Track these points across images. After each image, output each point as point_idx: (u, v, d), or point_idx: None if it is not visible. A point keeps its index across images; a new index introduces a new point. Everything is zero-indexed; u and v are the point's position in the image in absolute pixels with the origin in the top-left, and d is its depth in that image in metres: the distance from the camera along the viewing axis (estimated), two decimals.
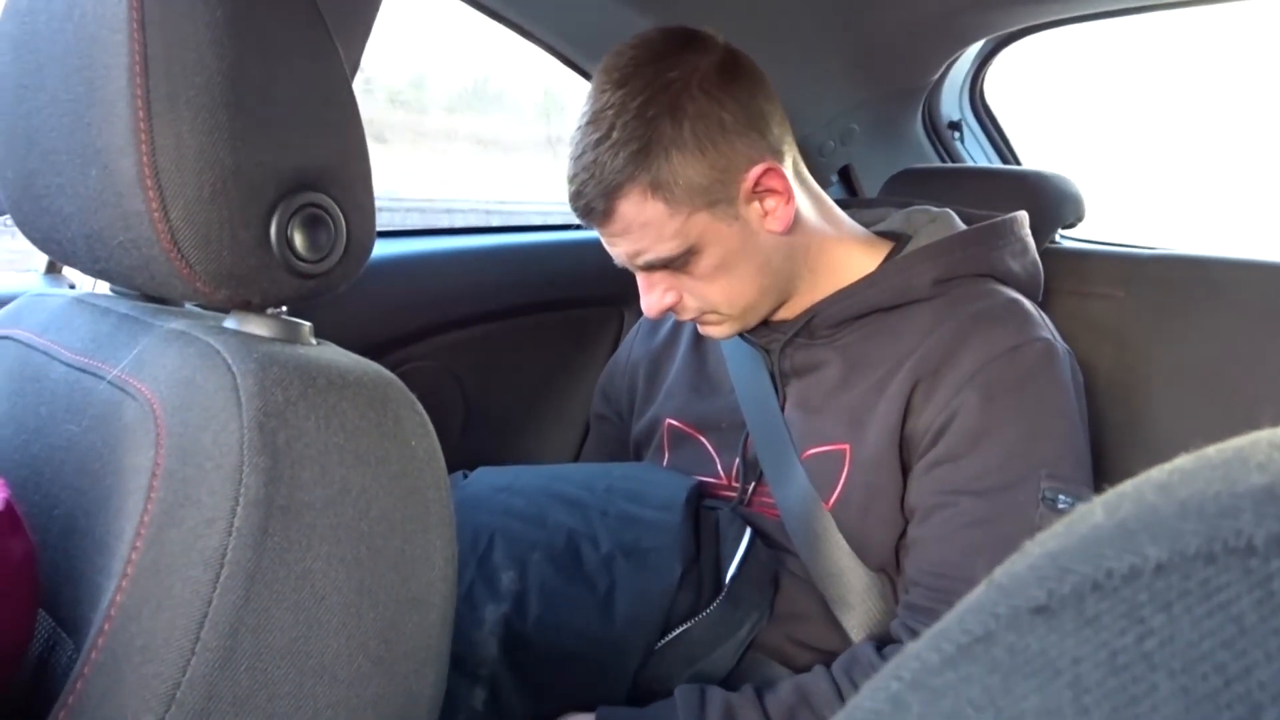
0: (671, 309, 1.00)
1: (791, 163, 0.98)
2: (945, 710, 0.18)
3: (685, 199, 0.91)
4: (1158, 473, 0.19)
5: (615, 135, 0.89)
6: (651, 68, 0.90)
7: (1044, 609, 0.17)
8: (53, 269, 1.17)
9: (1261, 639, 0.15)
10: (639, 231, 0.93)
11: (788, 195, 0.95)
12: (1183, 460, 0.19)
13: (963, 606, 0.19)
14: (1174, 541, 0.16)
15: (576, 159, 0.92)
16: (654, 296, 0.99)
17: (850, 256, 1.04)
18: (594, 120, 0.91)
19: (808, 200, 1.01)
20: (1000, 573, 0.19)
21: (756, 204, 0.95)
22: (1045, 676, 0.17)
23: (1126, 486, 0.19)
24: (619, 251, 0.97)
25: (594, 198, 0.92)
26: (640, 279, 1.00)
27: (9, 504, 0.48)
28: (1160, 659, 0.16)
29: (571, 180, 0.93)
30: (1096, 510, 0.19)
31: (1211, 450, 0.19)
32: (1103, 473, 1.00)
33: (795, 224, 0.97)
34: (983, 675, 0.18)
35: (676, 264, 0.95)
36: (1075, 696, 0.16)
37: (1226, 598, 0.15)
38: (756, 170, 0.92)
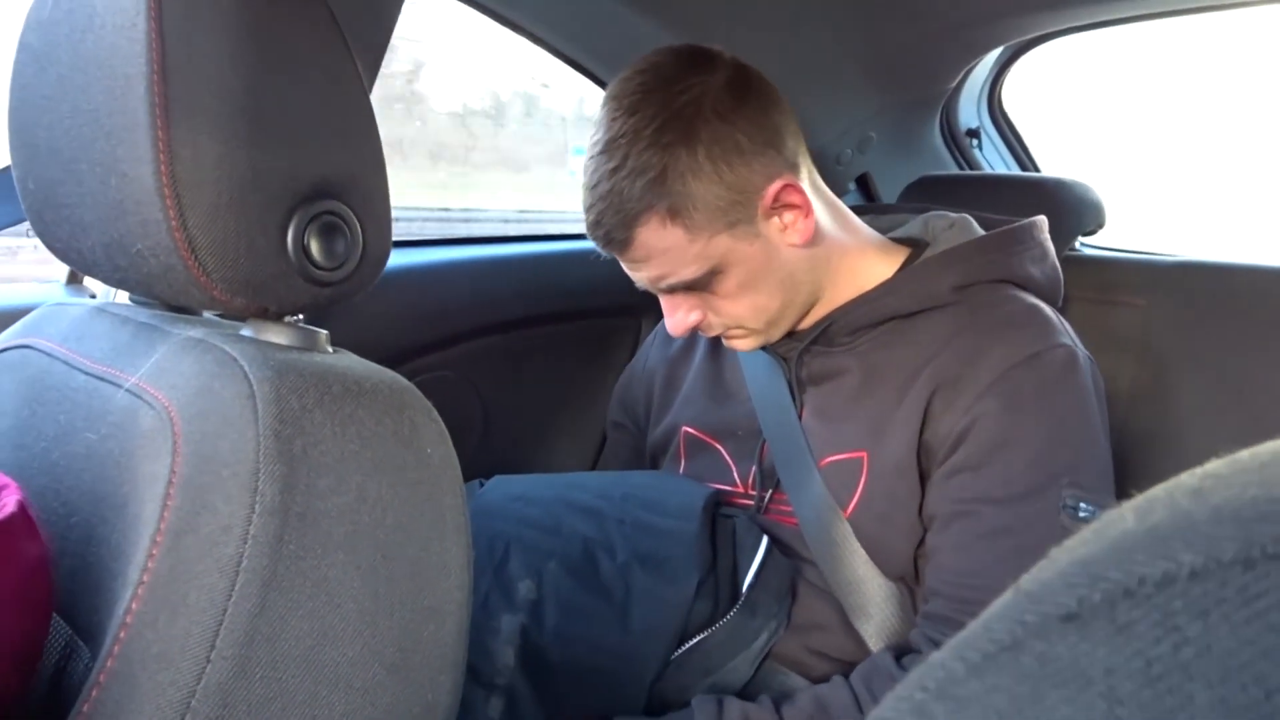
0: (697, 327, 0.99)
1: (807, 174, 0.97)
2: None
3: (705, 223, 0.90)
4: (1189, 478, 0.18)
5: (631, 164, 0.88)
6: (662, 93, 0.89)
7: (1075, 616, 0.17)
8: (74, 279, 1.18)
9: None
10: (660, 257, 0.93)
11: (806, 209, 0.94)
12: (1215, 465, 0.18)
13: (989, 614, 0.19)
14: (1209, 547, 0.16)
15: (592, 189, 0.91)
16: (679, 317, 0.98)
17: (868, 263, 1.03)
18: (607, 149, 0.90)
19: (825, 210, 1.00)
20: (1028, 580, 0.18)
21: (776, 220, 0.94)
22: (1076, 686, 0.16)
23: (1157, 492, 0.18)
24: (641, 277, 0.97)
25: (613, 227, 0.91)
26: (664, 301, 1.00)
27: (22, 507, 0.48)
28: (1197, 669, 0.15)
29: (589, 210, 0.92)
30: (1127, 516, 0.18)
31: (1245, 454, 0.18)
32: (1126, 482, 0.98)
33: (815, 235, 0.96)
34: (1011, 685, 0.17)
35: (700, 285, 0.95)
36: (1109, 708, 0.16)
37: (1265, 605, 0.15)
38: (774, 187, 0.92)
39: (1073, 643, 0.17)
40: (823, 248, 0.99)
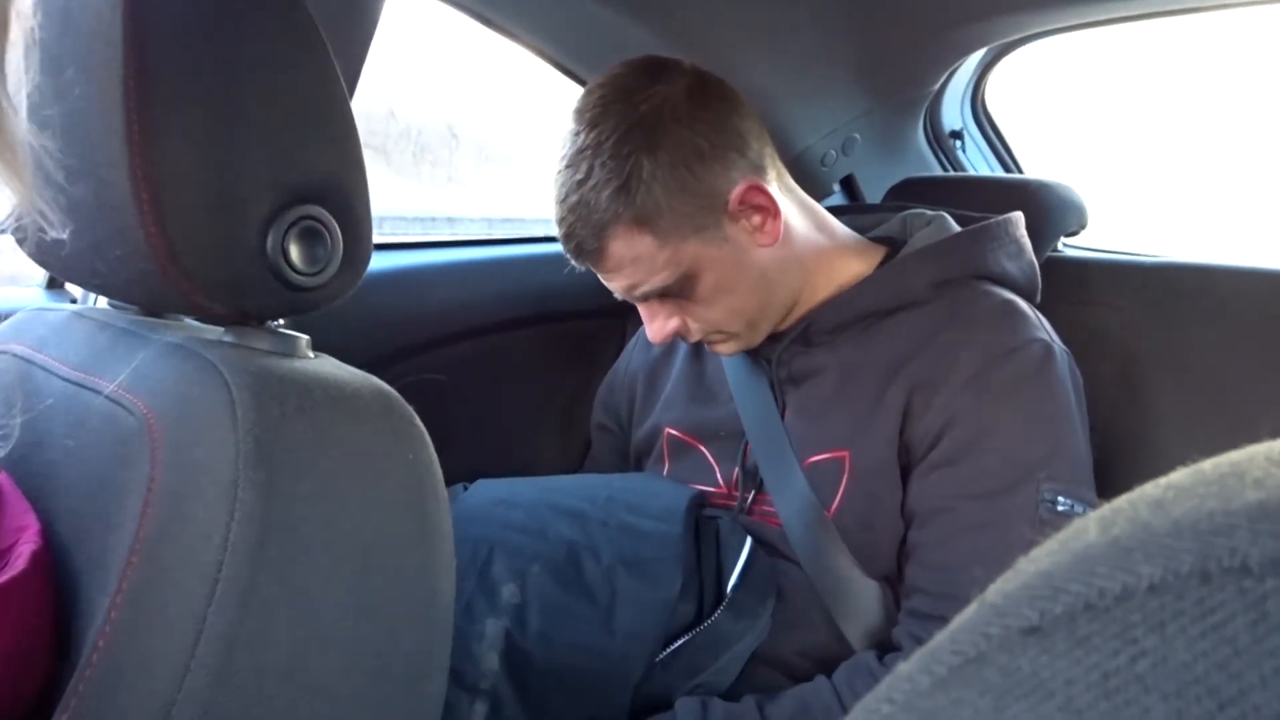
0: (678, 333, 1.00)
1: (775, 175, 0.98)
2: None
3: (672, 229, 0.92)
4: (1152, 488, 0.18)
5: (595, 175, 0.90)
6: (622, 104, 0.91)
7: (1036, 629, 0.17)
8: (54, 284, 1.17)
9: (1256, 661, 0.14)
10: (632, 266, 0.94)
11: (773, 209, 0.95)
12: (1178, 476, 0.18)
13: (954, 626, 0.19)
14: (1168, 560, 0.16)
15: (562, 202, 0.93)
16: (657, 325, 1.00)
17: (845, 263, 1.04)
18: (573, 163, 0.92)
19: (796, 210, 1.01)
20: (993, 592, 0.19)
21: (744, 222, 0.95)
22: (1037, 698, 0.16)
23: (1121, 503, 0.19)
24: (616, 286, 0.98)
25: (584, 239, 0.93)
26: (642, 309, 1.01)
27: (36, 559, 0.48)
28: (1153, 681, 0.15)
29: (560, 223, 0.95)
30: (1091, 527, 0.18)
31: (1207, 465, 0.18)
32: (1106, 483, 0.99)
33: (786, 235, 0.97)
34: (974, 698, 0.17)
35: (674, 291, 0.96)
36: (1067, 719, 0.16)
37: (1221, 618, 0.15)
38: (739, 190, 0.93)
39: (1034, 655, 0.17)
40: (796, 248, 1.00)
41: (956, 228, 1.06)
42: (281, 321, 0.63)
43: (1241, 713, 0.14)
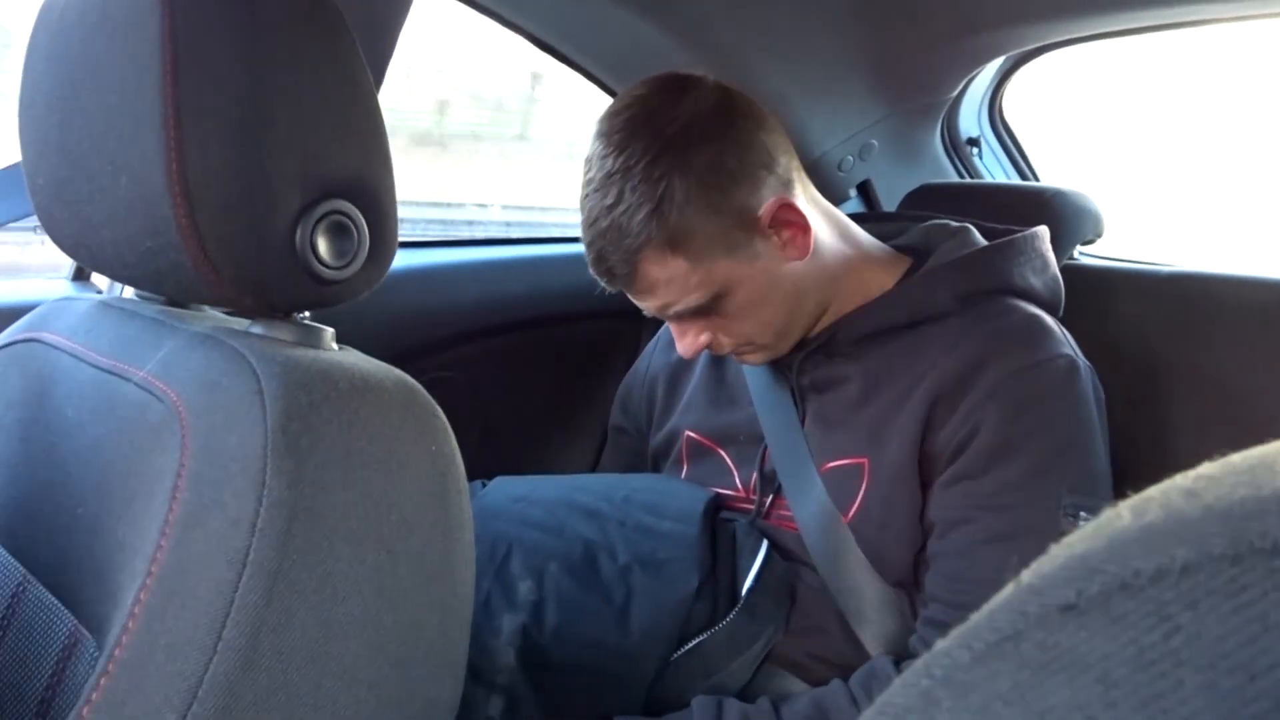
0: (708, 347, 1.00)
1: (802, 189, 0.98)
2: (975, 705, 0.18)
3: (705, 250, 0.91)
4: (1183, 479, 0.19)
5: (627, 199, 0.89)
6: (650, 125, 0.90)
7: (1073, 607, 0.18)
8: (80, 275, 1.18)
9: None
10: (665, 288, 0.93)
11: (804, 225, 0.95)
12: (1208, 467, 0.19)
13: (992, 606, 0.20)
14: (1200, 543, 0.17)
15: (591, 226, 0.92)
16: (688, 340, 0.99)
17: (870, 273, 1.04)
18: (602, 186, 0.91)
19: (824, 223, 1.01)
20: (1029, 574, 0.19)
21: (775, 239, 0.95)
22: (1074, 672, 0.17)
23: (1153, 492, 0.19)
24: (648, 307, 0.97)
25: (616, 263, 0.92)
26: (672, 326, 1.01)
27: None
28: (1186, 655, 0.16)
29: (590, 247, 0.94)
30: (1124, 514, 0.19)
31: (1236, 457, 0.19)
32: (1123, 490, 0.99)
33: (815, 248, 0.97)
34: (1012, 671, 0.18)
35: (706, 309, 0.95)
36: (1104, 691, 0.17)
37: (1251, 596, 0.16)
38: (770, 207, 0.93)
39: (1071, 632, 0.17)
40: (824, 260, 0.99)
41: (981, 240, 1.05)
42: (307, 315, 0.64)
43: (1272, 683, 0.15)
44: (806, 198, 0.99)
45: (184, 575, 0.47)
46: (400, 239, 0.64)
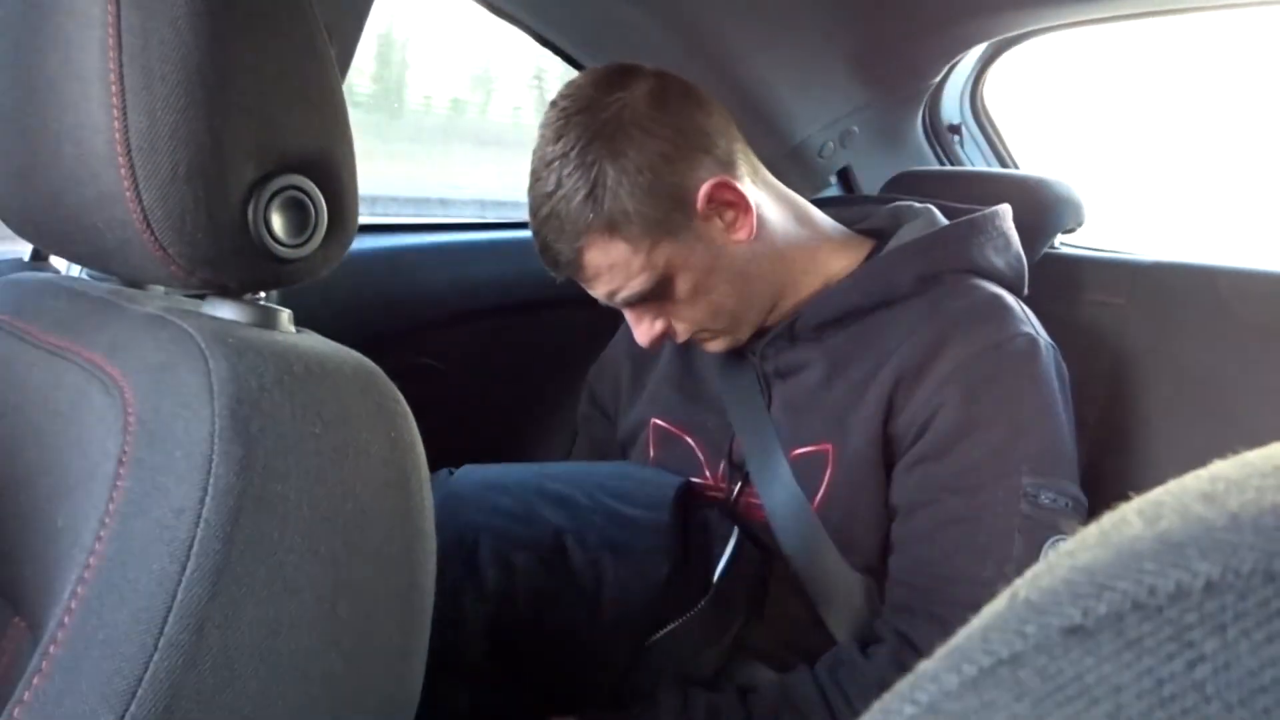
0: (665, 334, 1.00)
1: (749, 170, 0.98)
2: None
3: (644, 233, 0.91)
4: (1195, 481, 0.17)
5: (564, 186, 0.90)
6: (585, 114, 0.91)
7: (1079, 629, 0.15)
8: (38, 256, 1.15)
9: None
10: (609, 273, 0.94)
11: (744, 205, 0.95)
12: (1224, 467, 0.17)
13: (985, 623, 0.17)
14: (1227, 557, 0.14)
15: (535, 215, 0.94)
16: (643, 328, 1.00)
17: (830, 256, 1.03)
18: (541, 176, 0.93)
19: (774, 204, 1.00)
20: (1027, 588, 0.17)
21: (716, 220, 0.95)
22: (1081, 705, 0.15)
23: (1163, 495, 0.17)
24: (597, 293, 0.98)
25: (560, 250, 0.93)
26: (627, 314, 1.01)
27: None
28: (1214, 689, 0.14)
29: (536, 236, 0.95)
30: (1133, 520, 0.17)
31: (1254, 456, 0.17)
32: (1096, 480, 0.99)
33: (763, 229, 0.97)
34: (1009, 701, 0.16)
35: (655, 294, 0.96)
36: None
37: None
38: (706, 188, 0.93)
39: (1077, 657, 0.15)
40: (774, 242, 0.99)
41: (944, 221, 1.05)
42: (264, 295, 0.62)
43: None
44: (754, 180, 0.98)
45: (124, 567, 0.45)
46: (370, 221, 0.62)
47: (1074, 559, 0.17)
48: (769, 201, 0.99)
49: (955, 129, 1.72)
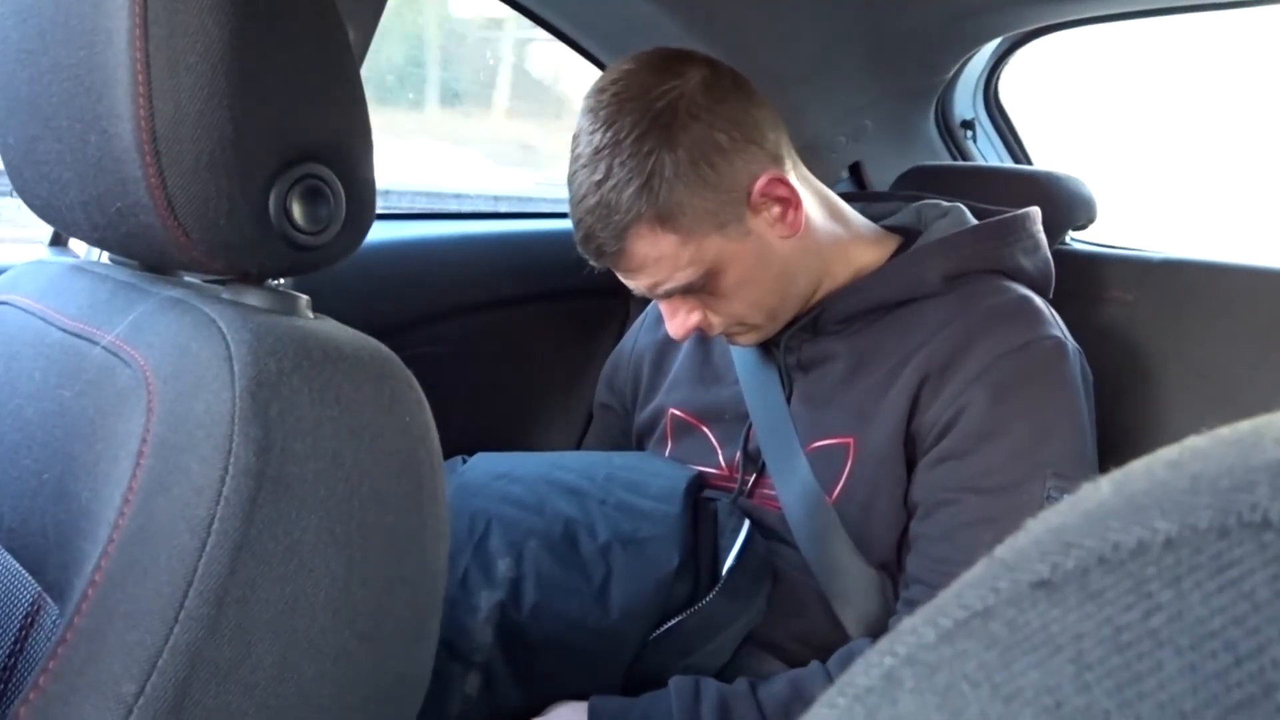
0: (699, 327, 0.99)
1: (792, 166, 0.97)
2: (940, 685, 0.17)
3: (694, 226, 0.90)
4: (1168, 451, 0.18)
5: (615, 175, 0.88)
6: (638, 101, 0.89)
7: (1046, 583, 0.16)
8: (58, 241, 1.16)
9: (1275, 616, 0.14)
10: (654, 265, 0.92)
11: (795, 200, 0.94)
12: (1195, 439, 0.18)
13: (962, 581, 0.18)
14: (1184, 515, 0.16)
15: (579, 203, 0.91)
16: (679, 320, 0.98)
17: (860, 251, 1.03)
18: (590, 163, 0.89)
19: (814, 200, 1.00)
20: (1001, 548, 0.18)
21: (765, 214, 0.94)
22: (1045, 652, 0.16)
23: (1135, 464, 0.18)
24: (638, 285, 0.96)
25: (605, 240, 0.91)
26: (663, 305, 0.99)
27: None
28: (1167, 635, 0.15)
29: (578, 225, 0.92)
30: (1103, 486, 0.18)
31: (1225, 430, 0.18)
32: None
33: (806, 225, 0.96)
34: (980, 650, 0.17)
35: (697, 287, 0.94)
36: (1077, 673, 0.16)
37: (1239, 573, 0.15)
38: (760, 182, 0.92)
39: (1043, 609, 0.16)
40: (815, 238, 0.98)
41: (973, 220, 1.05)
42: (282, 281, 0.63)
43: (1260, 667, 0.14)
44: (797, 174, 0.97)
45: (146, 543, 0.46)
46: (386, 211, 0.63)
47: (1046, 523, 0.18)
48: (810, 197, 0.99)
49: (968, 124, 1.72)
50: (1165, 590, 0.15)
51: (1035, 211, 1.06)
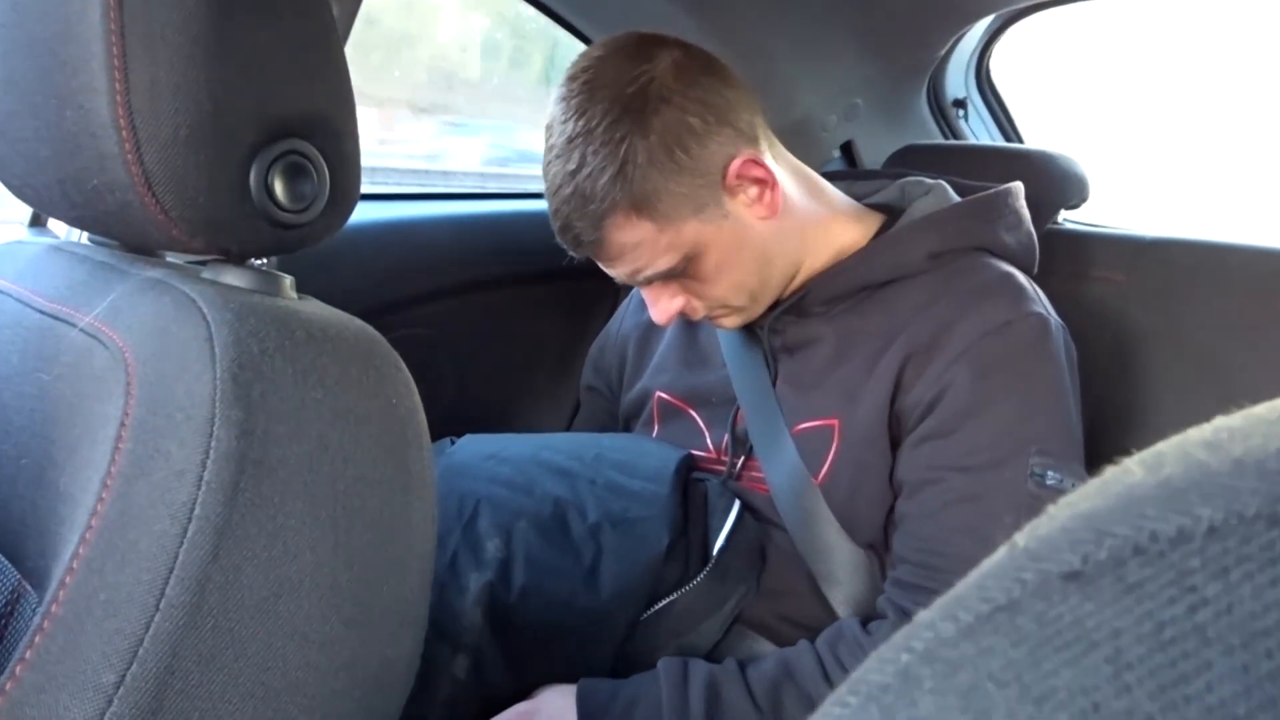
0: (682, 312, 0.98)
1: (768, 146, 0.96)
2: (963, 685, 0.16)
3: (671, 211, 0.89)
4: (1198, 432, 0.17)
5: (589, 163, 0.87)
6: (608, 88, 0.88)
7: (1078, 575, 0.15)
8: (37, 221, 1.15)
9: None
10: (633, 253, 0.92)
11: (771, 181, 0.93)
12: (1228, 419, 0.17)
13: (982, 571, 0.17)
14: (1229, 501, 0.14)
15: (554, 193, 0.90)
16: (662, 305, 0.98)
17: (842, 230, 1.02)
18: (564, 152, 0.89)
19: (792, 180, 0.99)
20: (1024, 536, 0.17)
21: (742, 196, 0.93)
22: (1079, 650, 0.15)
23: (1166, 446, 0.17)
24: (618, 273, 0.95)
25: (582, 229, 0.90)
26: (644, 292, 0.99)
27: None
28: (1215, 632, 0.14)
29: (555, 215, 0.92)
30: (1134, 469, 0.17)
31: (1260, 408, 0.17)
32: (1097, 456, 0.98)
33: (784, 205, 0.96)
34: (1006, 647, 0.16)
35: (677, 273, 0.94)
36: (1115, 673, 0.14)
37: None
38: (735, 164, 0.91)
39: (1075, 603, 0.15)
40: (794, 218, 0.98)
41: (955, 197, 1.04)
42: (265, 261, 0.62)
43: None
44: (773, 154, 0.97)
45: (125, 529, 0.45)
46: (372, 190, 0.61)
47: (1074, 508, 0.17)
48: (786, 176, 0.98)
49: (960, 103, 1.71)
50: (1211, 583, 0.14)
51: (1017, 187, 1.05)
